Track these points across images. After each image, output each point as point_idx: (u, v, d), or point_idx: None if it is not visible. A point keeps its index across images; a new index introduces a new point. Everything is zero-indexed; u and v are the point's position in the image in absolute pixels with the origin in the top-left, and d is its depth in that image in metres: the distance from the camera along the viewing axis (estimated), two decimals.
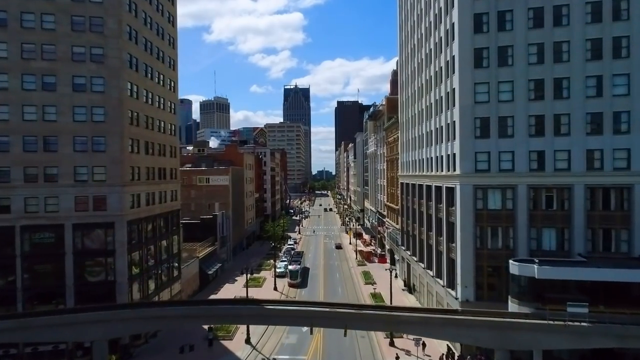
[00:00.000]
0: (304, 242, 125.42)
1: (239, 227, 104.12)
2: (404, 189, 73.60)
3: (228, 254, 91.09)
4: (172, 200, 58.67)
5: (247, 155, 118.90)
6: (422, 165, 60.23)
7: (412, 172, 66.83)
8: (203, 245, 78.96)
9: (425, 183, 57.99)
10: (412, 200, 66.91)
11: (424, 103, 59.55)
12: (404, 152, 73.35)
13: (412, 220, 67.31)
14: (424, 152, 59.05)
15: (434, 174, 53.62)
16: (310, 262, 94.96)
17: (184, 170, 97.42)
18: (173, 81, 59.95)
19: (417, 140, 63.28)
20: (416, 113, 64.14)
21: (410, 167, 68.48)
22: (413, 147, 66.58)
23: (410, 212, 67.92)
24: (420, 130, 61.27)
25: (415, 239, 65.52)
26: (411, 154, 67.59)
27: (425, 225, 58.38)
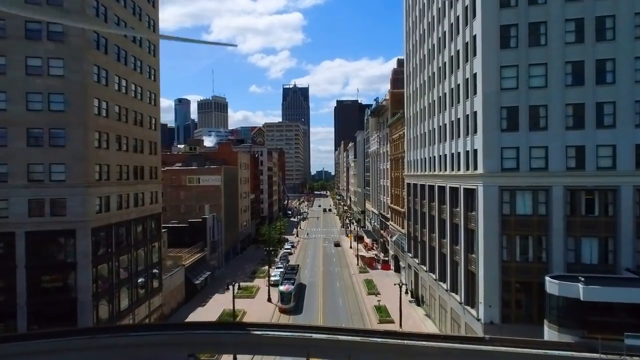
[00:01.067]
0: (301, 245, 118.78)
1: (232, 231, 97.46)
2: (410, 190, 67.00)
3: (220, 260, 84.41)
4: (152, 202, 52.02)
5: (242, 154, 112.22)
6: (433, 164, 53.64)
7: (421, 171, 60.24)
8: (191, 252, 72.29)
9: (437, 184, 51.41)
10: (421, 202, 60.32)
11: (435, 94, 52.97)
12: (411, 149, 66.78)
13: (421, 225, 60.71)
14: (435, 149, 52.47)
15: (448, 173, 47.02)
16: (309, 268, 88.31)
17: (173, 170, 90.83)
18: (154, 69, 53.29)
19: (427, 136, 56.70)
20: (425, 106, 57.55)
21: (418, 166, 61.90)
22: (421, 144, 60.01)
23: (419, 215, 61.33)
24: (431, 125, 54.68)
25: (424, 246, 58.91)
26: (419, 151, 61.02)
27: (437, 232, 51.78)
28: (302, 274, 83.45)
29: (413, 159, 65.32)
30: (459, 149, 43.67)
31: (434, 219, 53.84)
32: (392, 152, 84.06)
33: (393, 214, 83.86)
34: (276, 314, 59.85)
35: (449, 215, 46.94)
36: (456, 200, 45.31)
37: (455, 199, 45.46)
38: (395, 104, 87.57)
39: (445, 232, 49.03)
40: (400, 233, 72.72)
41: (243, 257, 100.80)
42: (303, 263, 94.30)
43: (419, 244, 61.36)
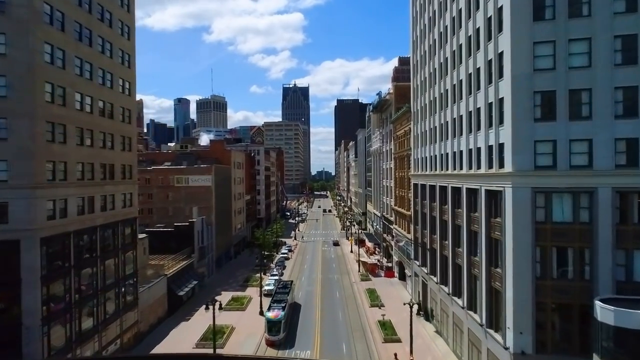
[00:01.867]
0: (299, 249, 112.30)
1: (224, 234, 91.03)
2: (417, 191, 60.57)
3: (209, 267, 77.98)
4: (125, 206, 45.59)
5: (236, 153, 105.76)
6: (445, 162, 47.21)
7: (430, 170, 53.81)
8: (176, 259, 65.86)
9: (451, 184, 44.97)
10: (430, 205, 53.87)
11: (447, 83, 46.55)
12: (418, 147, 60.35)
13: (430, 231, 54.26)
14: (448, 145, 46.04)
15: (465, 172, 40.57)
16: (306, 275, 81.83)
17: (160, 169, 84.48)
18: (128, 54, 46.87)
19: (437, 131, 50.27)
20: (435, 97, 51.13)
21: (426, 164, 55.47)
22: (431, 140, 53.59)
23: (427, 220, 54.89)
24: (442, 118, 48.24)
25: (434, 255, 52.49)
26: (428, 148, 54.58)
27: (450, 239, 45.33)
28: (300, 282, 77.09)
29: (421, 157, 58.90)
30: (479, 143, 37.21)
31: (446, 225, 47.42)
32: (397, 150, 77.62)
33: (397, 217, 77.44)
34: None
35: (466, 221, 40.49)
36: (475, 204, 38.88)
37: (474, 202, 39.03)
38: (400, 98, 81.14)
39: (460, 240, 42.60)
40: (406, 239, 66.25)
41: (236, 263, 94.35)
42: (300, 269, 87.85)
43: (428, 252, 54.93)
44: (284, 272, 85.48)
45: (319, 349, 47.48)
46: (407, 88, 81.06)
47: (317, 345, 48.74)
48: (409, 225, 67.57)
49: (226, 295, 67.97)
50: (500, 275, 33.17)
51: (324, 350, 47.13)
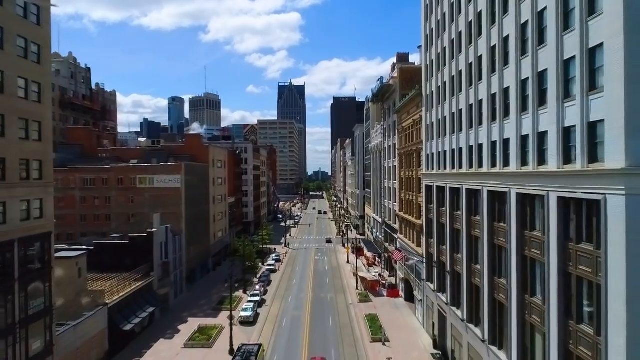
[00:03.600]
0: (289, 259, 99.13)
1: (200, 244, 77.82)
2: (431, 195, 47.70)
3: (176, 286, 64.70)
4: (29, 217, 32.34)
5: (216, 150, 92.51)
6: (477, 157, 34.29)
7: (450, 168, 40.90)
8: (129, 279, 52.60)
9: (486, 187, 32.05)
10: (452, 214, 40.97)
11: (482, 47, 33.63)
12: (432, 139, 47.48)
13: (452, 248, 41.33)
14: (483, 132, 33.10)
15: (515, 170, 27.57)
16: (294, 295, 68.71)
17: (118, 167, 71.18)
18: (37, 6, 33.59)
19: (464, 115, 37.33)
20: (462, 70, 38.18)
21: (444, 161, 42.58)
22: (452, 128, 40.69)
23: (447, 233, 41.97)
24: (472, 98, 35.30)
25: (458, 280, 39.60)
26: (448, 140, 41.65)
27: (487, 265, 32.38)
28: (285, 304, 63.96)
29: (436, 152, 45.96)
30: (545, 126, 24.20)
31: (477, 243, 34.56)
32: (402, 144, 64.66)
33: (403, 226, 64.44)
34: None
35: (516, 242, 27.52)
36: (532, 218, 25.98)
37: (531, 214, 26.11)
38: (406, 83, 68.29)
39: (505, 268, 29.69)
40: (417, 256, 53.17)
41: (214, 277, 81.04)
42: (288, 285, 74.72)
43: (448, 275, 41.97)
44: (268, 289, 72.37)
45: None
46: (415, 71, 68.27)
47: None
48: (419, 237, 54.63)
49: (193, 322, 54.89)
50: (593, 337, 20.24)
51: None
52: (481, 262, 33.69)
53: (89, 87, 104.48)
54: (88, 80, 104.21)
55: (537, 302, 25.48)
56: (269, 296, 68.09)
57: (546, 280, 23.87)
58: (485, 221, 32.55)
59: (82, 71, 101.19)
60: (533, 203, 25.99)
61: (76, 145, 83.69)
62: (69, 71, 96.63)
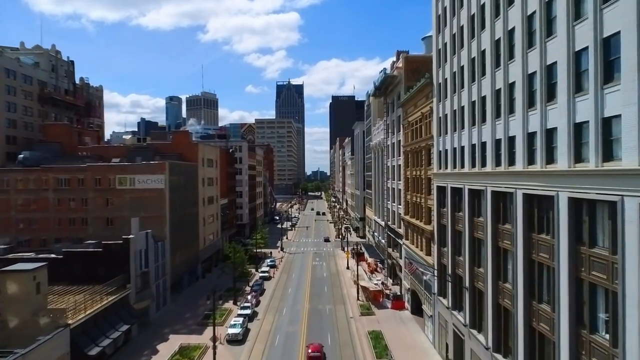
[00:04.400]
0: (285, 264, 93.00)
1: (187, 249, 71.68)
2: (444, 197, 41.72)
3: (159, 298, 58.52)
4: None
5: (206, 148, 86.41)
6: (506, 153, 28.26)
7: (470, 167, 34.90)
8: (102, 292, 46.41)
9: (521, 189, 25.99)
10: (471, 221, 34.95)
11: (517, 15, 27.59)
12: (445, 134, 41.48)
13: (471, 260, 35.29)
14: (516, 123, 27.06)
15: (568, 168, 21.48)
16: (289, 306, 62.58)
17: (96, 167, 65.06)
18: None
19: (488, 102, 31.28)
20: (486, 49, 32.13)
21: (462, 158, 36.58)
22: (471, 120, 34.69)
23: (465, 242, 35.92)
24: (500, 81, 29.23)
25: (479, 298, 33.60)
26: (467, 134, 35.61)
27: (520, 284, 26.31)
28: (279, 317, 57.86)
29: (451, 148, 39.92)
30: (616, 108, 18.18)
31: (507, 257, 28.56)
32: (408, 141, 58.60)
33: (409, 231, 58.37)
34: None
35: (568, 260, 21.45)
36: (591, 229, 19.99)
37: (590, 225, 20.09)
38: (411, 74, 62.24)
39: (548, 291, 23.66)
40: (428, 268, 46.95)
41: (203, 285, 74.83)
42: (283, 295, 68.59)
43: (466, 292, 35.92)
44: (261, 299, 66.23)
45: None
46: (422, 61, 62.26)
47: None
48: (429, 245, 48.57)
49: (175, 340, 48.85)
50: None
51: None
52: (513, 281, 27.63)
53: (72, 82, 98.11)
54: (71, 74, 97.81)
55: (598, 341, 19.45)
56: (262, 308, 61.99)
57: (619, 308, 17.86)
58: (519, 232, 26.48)
59: (64, 64, 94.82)
60: (593, 210, 19.96)
61: (55, 142, 77.52)
62: (50, 64, 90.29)
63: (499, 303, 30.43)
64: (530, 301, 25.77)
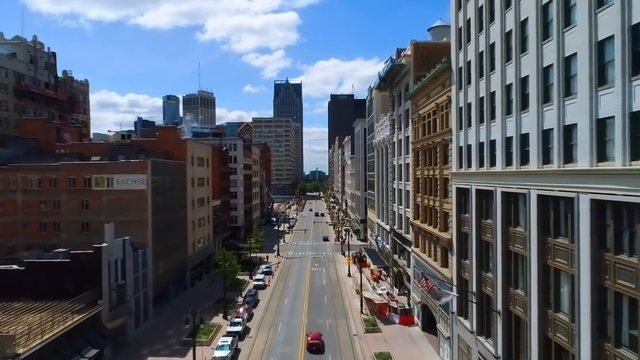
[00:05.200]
0: (282, 271, 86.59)
1: (173, 256, 65.24)
2: (466, 202, 35.50)
3: (138, 313, 52.07)
4: None
5: (196, 146, 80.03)
6: (564, 148, 22.03)
7: (503, 165, 28.67)
8: (67, 310, 39.93)
9: (590, 194, 19.70)
10: (505, 232, 28.70)
11: None
12: (468, 126, 35.26)
13: (505, 280, 29.00)
14: (582, 106, 20.83)
15: None
16: (285, 321, 56.20)
17: (69, 165, 58.57)
18: None
19: (531, 85, 25.02)
20: (528, 17, 25.85)
21: (493, 155, 30.33)
22: (505, 108, 28.47)
23: (498, 257, 29.63)
24: (554, 55, 22.99)
25: (517, 327, 27.30)
26: (499, 125, 29.36)
27: (590, 320, 20.03)
28: (274, 334, 51.52)
29: (476, 143, 33.67)
30: None
31: (561, 279, 22.31)
32: (419, 137, 52.31)
33: (420, 238, 52.07)
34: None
35: None
36: None
37: None
38: (422, 63, 55.98)
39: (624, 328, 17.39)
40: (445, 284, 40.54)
41: (192, 294, 68.51)
42: (278, 307, 62.20)
43: (499, 316, 29.63)
44: (254, 312, 59.87)
45: None
46: (433, 48, 56.17)
47: None
48: (445, 255, 42.29)
49: None
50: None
51: None
52: (572, 312, 21.36)
53: (54, 75, 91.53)
54: (52, 67, 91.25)
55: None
56: (255, 322, 55.62)
57: None
58: (582, 249, 20.22)
59: (44, 55, 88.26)
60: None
61: (31, 139, 71.00)
62: (28, 55, 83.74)
63: (546, 336, 24.18)
64: (598, 341, 19.54)
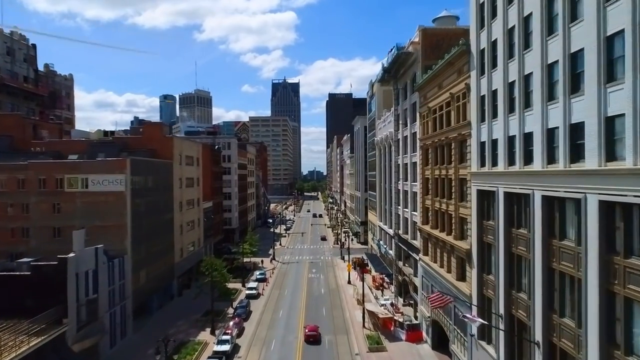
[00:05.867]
0: (277, 277, 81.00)
1: (157, 264, 59.61)
2: (489, 207, 30.05)
3: (114, 330, 46.44)
4: None
5: (184, 144, 74.47)
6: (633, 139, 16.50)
7: (544, 163, 23.21)
8: (24, 332, 34.25)
9: None
10: (548, 245, 23.20)
11: None
12: (494, 118, 29.84)
13: (546, 305, 23.49)
14: None
15: None
16: (279, 337, 50.68)
17: (38, 165, 52.86)
18: None
19: (588, 61, 19.56)
20: None
21: (526, 152, 24.89)
22: (547, 93, 23.03)
23: (535, 275, 24.15)
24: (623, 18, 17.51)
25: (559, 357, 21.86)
26: (537, 114, 23.91)
27: None
28: (267, 351, 45.94)
29: (504, 137, 28.20)
30: None
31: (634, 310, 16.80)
32: (428, 132, 46.83)
33: (430, 246, 46.56)
34: None
35: None
36: None
37: None
38: (430, 51, 50.58)
39: None
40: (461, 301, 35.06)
41: (179, 305, 62.90)
42: (272, 320, 56.63)
43: (538, 348, 24.15)
44: (245, 326, 54.31)
45: None
46: (443, 34, 50.88)
47: None
48: (462, 268, 36.81)
49: None
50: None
51: None
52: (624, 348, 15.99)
53: (34, 68, 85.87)
54: (32, 60, 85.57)
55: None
56: (246, 339, 50.06)
57: None
58: None
59: (23, 47, 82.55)
60: None
61: (4, 136, 65.19)
62: (4, 46, 78.07)
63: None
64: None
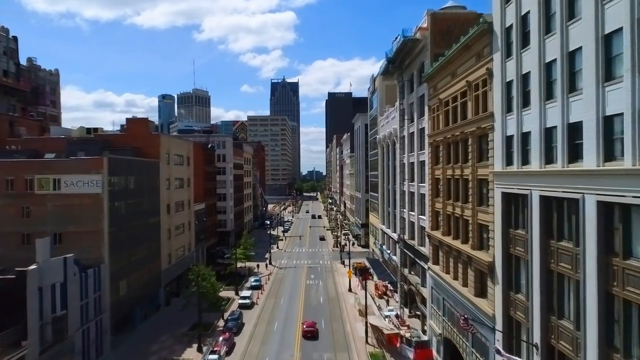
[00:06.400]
0: (273, 284, 76.02)
1: (141, 273, 54.65)
2: (517, 213, 25.10)
3: (91, 349, 41.33)
4: None
5: (171, 141, 69.51)
6: None
7: (599, 162, 18.18)
8: None
9: None
10: (603, 263, 18.19)
11: None
12: (525, 107, 24.89)
13: (603, 337, 18.51)
14: None
15: None
16: (273, 355, 45.72)
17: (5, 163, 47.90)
18: None
19: None
20: None
21: (572, 147, 19.94)
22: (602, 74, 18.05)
23: (591, 301, 19.19)
24: None
25: None
26: (589, 99, 18.96)
27: None
28: None
29: (539, 130, 23.28)
30: None
31: None
32: (439, 127, 41.87)
33: (442, 255, 41.60)
34: None
35: None
36: None
37: None
38: (440, 38, 45.73)
39: None
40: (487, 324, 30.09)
41: (166, 316, 57.88)
42: (266, 333, 51.68)
43: None
44: (236, 341, 49.37)
45: None
46: (454, 19, 46.27)
47: None
48: (482, 282, 31.86)
49: None
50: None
51: None
52: None
53: (15, 62, 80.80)
54: (13, 53, 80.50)
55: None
56: (235, 358, 45.11)
57: None
58: None
59: (2, 39, 77.48)
60: None
61: None
62: None
63: None
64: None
